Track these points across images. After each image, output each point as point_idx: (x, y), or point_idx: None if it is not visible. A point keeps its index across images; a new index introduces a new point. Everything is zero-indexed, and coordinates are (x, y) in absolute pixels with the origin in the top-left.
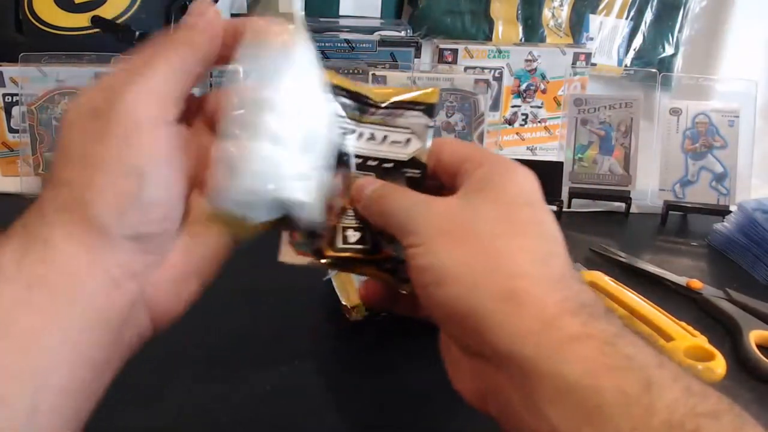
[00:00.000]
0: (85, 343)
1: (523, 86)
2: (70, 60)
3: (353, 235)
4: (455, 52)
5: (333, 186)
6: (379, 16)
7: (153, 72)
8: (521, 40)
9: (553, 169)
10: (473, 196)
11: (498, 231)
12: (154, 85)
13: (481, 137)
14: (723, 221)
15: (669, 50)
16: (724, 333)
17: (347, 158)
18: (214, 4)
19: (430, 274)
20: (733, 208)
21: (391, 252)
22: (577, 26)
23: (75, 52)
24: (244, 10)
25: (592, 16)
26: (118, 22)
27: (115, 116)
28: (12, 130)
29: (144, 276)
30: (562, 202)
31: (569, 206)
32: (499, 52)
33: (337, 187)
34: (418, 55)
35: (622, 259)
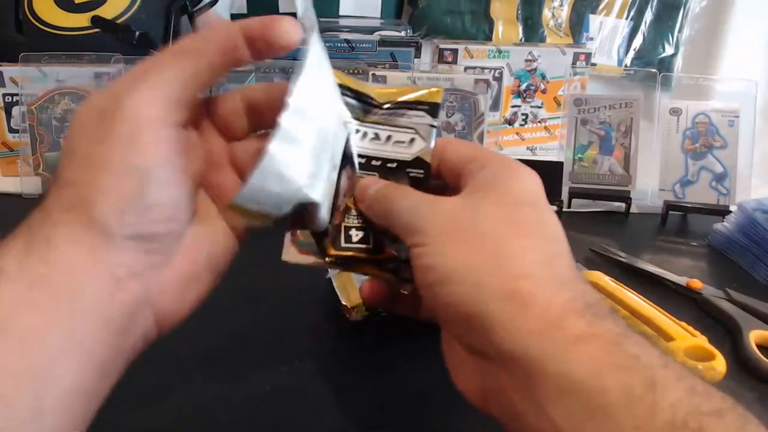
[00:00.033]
0: (90, 342)
1: (523, 86)
2: (70, 60)
3: (356, 234)
4: (455, 52)
5: (340, 185)
6: (379, 16)
7: (159, 76)
8: (521, 40)
9: (553, 169)
10: (477, 197)
11: (502, 231)
12: (159, 89)
13: (481, 137)
14: (723, 221)
15: (669, 50)
16: (724, 333)
17: (351, 157)
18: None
19: (435, 273)
20: (733, 208)
21: (394, 252)
22: (577, 26)
23: (75, 52)
24: (244, 10)
25: (592, 16)
26: (118, 22)
27: (119, 117)
28: (12, 130)
29: (148, 276)
30: (562, 202)
31: (569, 206)
32: (499, 52)
33: (342, 186)
34: (418, 55)
35: (622, 259)
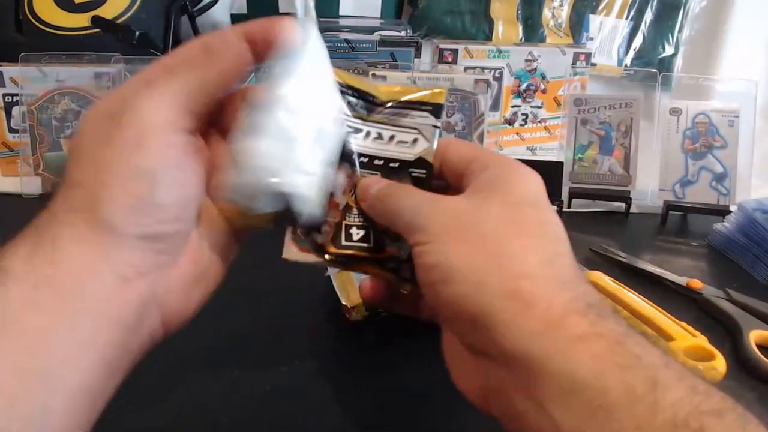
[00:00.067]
0: (97, 342)
1: (523, 86)
2: (70, 60)
3: (357, 233)
4: (455, 52)
5: (337, 183)
6: (379, 16)
7: (166, 86)
8: (521, 40)
9: (553, 169)
10: (480, 197)
11: (503, 231)
12: (168, 94)
13: (481, 137)
14: (723, 221)
15: (669, 50)
16: (724, 333)
17: (351, 156)
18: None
19: (438, 272)
20: (733, 208)
21: (395, 251)
22: (577, 26)
23: (75, 52)
24: (244, 10)
25: (592, 16)
26: (118, 22)
27: (126, 120)
28: (12, 130)
29: (156, 276)
30: (562, 202)
31: (569, 206)
32: (499, 52)
33: (340, 183)
34: (418, 55)
35: (622, 259)
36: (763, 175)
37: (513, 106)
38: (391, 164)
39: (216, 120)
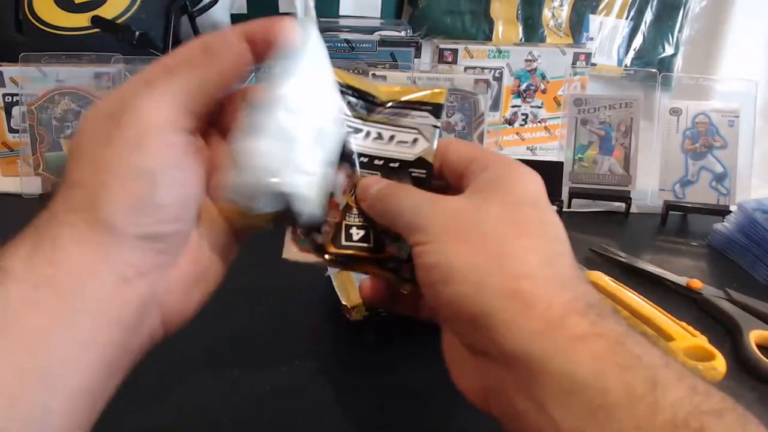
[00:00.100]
0: (97, 342)
1: (523, 86)
2: (70, 60)
3: (357, 233)
4: (455, 52)
5: (337, 183)
6: (379, 16)
7: (166, 86)
8: (521, 40)
9: (553, 169)
10: (480, 197)
11: (503, 231)
12: (168, 94)
13: (481, 137)
14: (723, 221)
15: (669, 50)
16: (724, 333)
17: (351, 156)
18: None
19: (438, 272)
20: (733, 208)
21: (395, 251)
22: (577, 26)
23: (75, 52)
24: (244, 10)
25: (592, 16)
26: (118, 22)
27: (126, 120)
28: (12, 130)
29: (156, 276)
30: (562, 202)
31: (569, 206)
32: (499, 52)
33: (340, 183)
34: (418, 55)
35: (622, 259)
36: (763, 175)
37: (513, 106)
38: (391, 164)
39: (216, 120)
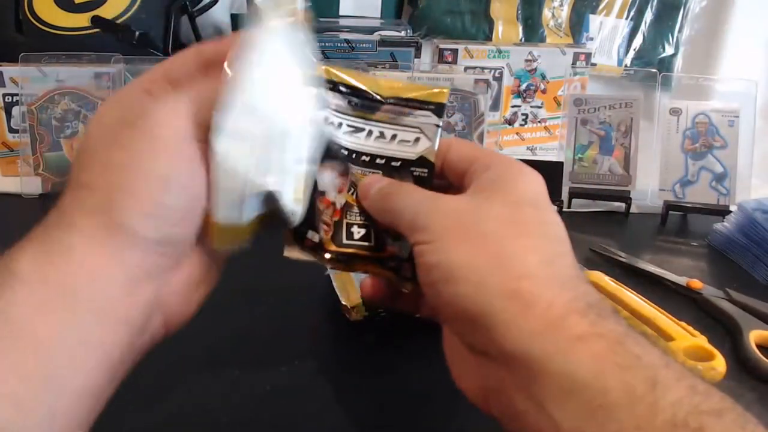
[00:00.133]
0: (104, 342)
1: (523, 86)
2: (70, 60)
3: (358, 231)
4: (455, 52)
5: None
6: (379, 16)
7: (181, 94)
8: (521, 40)
9: (553, 169)
10: (481, 197)
11: (504, 231)
12: (182, 104)
13: (481, 137)
14: (723, 221)
15: (669, 50)
16: (724, 333)
17: (339, 153)
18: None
19: (439, 271)
20: (733, 208)
21: (395, 250)
22: (577, 26)
23: (75, 52)
24: (244, 10)
25: (592, 16)
26: (118, 22)
27: (141, 126)
28: (12, 130)
29: (161, 278)
30: (562, 202)
31: (569, 206)
32: (499, 52)
33: (330, 182)
34: (418, 55)
35: (622, 259)
36: (763, 175)
37: (513, 106)
38: (393, 163)
39: None
